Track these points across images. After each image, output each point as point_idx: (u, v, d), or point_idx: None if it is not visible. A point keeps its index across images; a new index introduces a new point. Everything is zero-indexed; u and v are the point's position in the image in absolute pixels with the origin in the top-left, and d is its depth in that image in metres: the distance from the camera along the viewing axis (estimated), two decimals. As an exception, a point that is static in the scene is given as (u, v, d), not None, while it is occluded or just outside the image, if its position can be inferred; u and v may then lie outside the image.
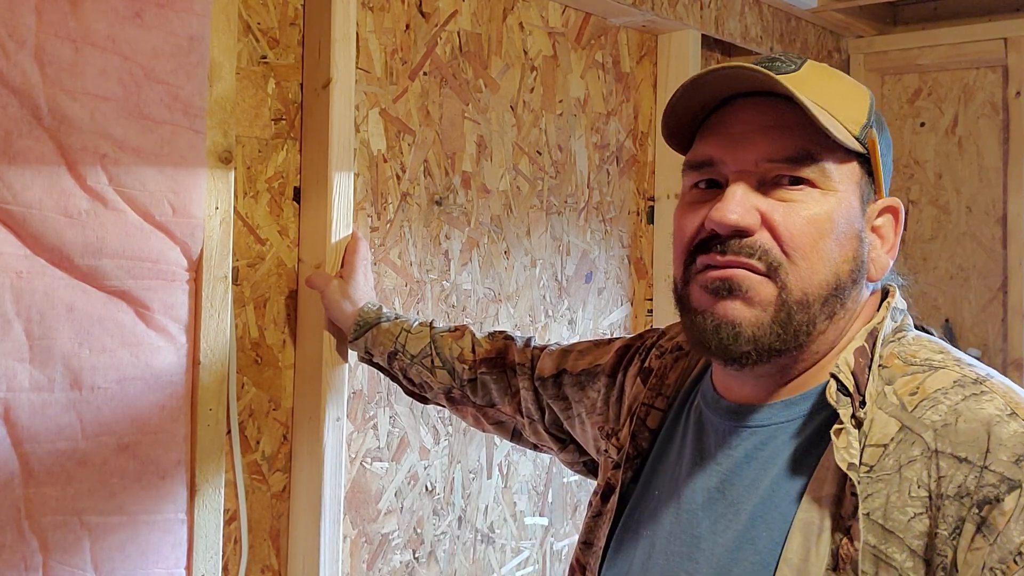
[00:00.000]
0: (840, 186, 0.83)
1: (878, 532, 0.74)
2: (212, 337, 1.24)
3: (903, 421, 0.77)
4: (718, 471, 0.86)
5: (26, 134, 1.08)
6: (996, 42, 2.48)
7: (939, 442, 0.74)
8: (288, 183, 1.42)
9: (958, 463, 0.73)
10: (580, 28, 1.94)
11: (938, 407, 0.76)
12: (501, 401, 1.26)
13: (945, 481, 0.73)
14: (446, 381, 1.29)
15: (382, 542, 1.56)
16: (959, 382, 0.78)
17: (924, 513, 0.73)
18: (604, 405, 1.10)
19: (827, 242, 0.81)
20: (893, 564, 0.73)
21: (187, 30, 1.20)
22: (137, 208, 1.17)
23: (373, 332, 1.32)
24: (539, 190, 1.85)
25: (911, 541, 0.73)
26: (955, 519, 0.72)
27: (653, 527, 0.89)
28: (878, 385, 0.79)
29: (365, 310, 1.33)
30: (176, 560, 1.22)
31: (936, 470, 0.74)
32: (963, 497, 0.72)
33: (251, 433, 1.39)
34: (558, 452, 1.23)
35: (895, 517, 0.74)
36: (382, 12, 1.54)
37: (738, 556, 0.80)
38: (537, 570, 1.85)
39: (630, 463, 0.95)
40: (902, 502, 0.74)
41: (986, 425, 0.74)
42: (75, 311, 1.13)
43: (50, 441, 1.12)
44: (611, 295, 2.03)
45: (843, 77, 0.89)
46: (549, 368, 1.20)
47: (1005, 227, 2.52)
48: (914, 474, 0.74)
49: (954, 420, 0.75)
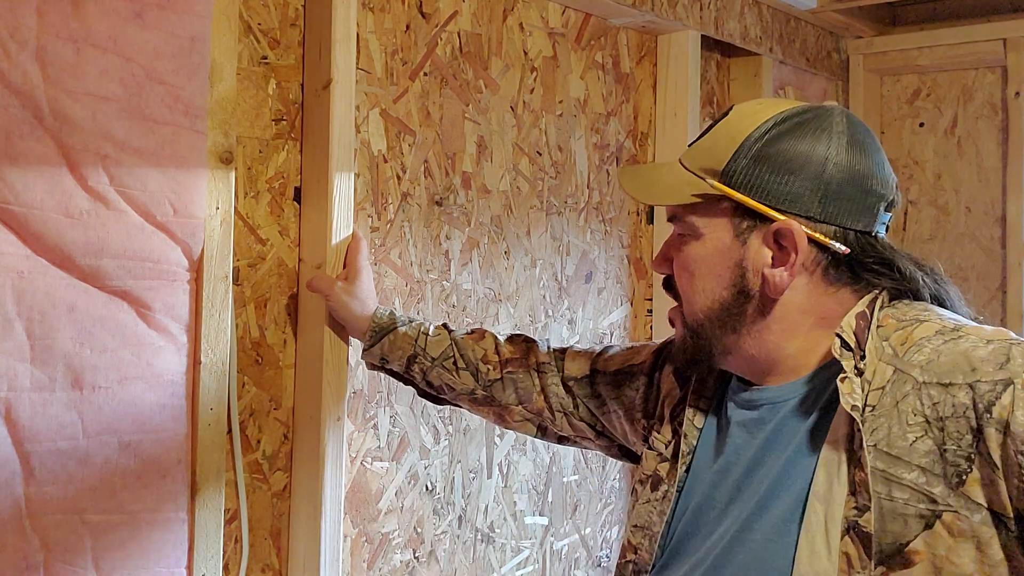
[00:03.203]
0: (707, 231, 1.00)
1: (884, 458, 0.87)
2: (213, 337, 1.25)
3: (896, 365, 0.90)
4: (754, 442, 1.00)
5: (27, 134, 1.08)
6: (995, 43, 2.49)
7: (925, 375, 0.88)
8: (289, 183, 1.43)
9: (945, 388, 0.86)
10: (580, 29, 1.94)
11: (923, 350, 0.90)
12: (529, 399, 1.32)
13: (940, 406, 0.86)
14: (469, 383, 1.34)
15: (382, 541, 1.56)
16: (940, 331, 0.91)
17: (925, 435, 0.86)
18: (643, 403, 1.21)
19: (700, 279, 1.01)
20: (904, 482, 0.86)
21: (188, 31, 1.20)
22: (138, 208, 1.17)
23: (390, 337, 1.35)
24: (539, 190, 1.85)
25: (918, 460, 0.86)
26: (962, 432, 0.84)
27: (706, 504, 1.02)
28: (877, 342, 0.93)
29: (378, 316, 1.36)
30: (177, 559, 1.22)
31: (928, 398, 0.87)
32: (965, 412, 0.84)
33: (252, 432, 1.39)
34: (594, 440, 1.32)
35: (898, 444, 0.87)
36: (382, 13, 1.54)
37: (776, 494, 0.94)
38: (537, 570, 1.85)
39: (683, 459, 1.07)
40: (902, 430, 0.87)
41: (964, 354, 0.87)
42: (76, 311, 1.13)
43: (51, 440, 1.12)
44: (611, 295, 2.03)
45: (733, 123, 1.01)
46: (581, 369, 1.30)
47: (1004, 227, 2.52)
48: (908, 406, 0.88)
49: (936, 357, 0.88)
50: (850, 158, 0.97)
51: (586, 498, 1.96)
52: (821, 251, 0.97)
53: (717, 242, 1.00)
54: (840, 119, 0.99)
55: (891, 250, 1.00)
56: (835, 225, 0.97)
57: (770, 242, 0.97)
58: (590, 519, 1.98)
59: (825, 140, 0.97)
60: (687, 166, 1.03)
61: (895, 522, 0.85)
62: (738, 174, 0.98)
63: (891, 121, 2.72)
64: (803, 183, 0.96)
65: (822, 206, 0.96)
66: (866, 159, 0.98)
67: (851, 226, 0.97)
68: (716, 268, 1.00)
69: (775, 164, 0.97)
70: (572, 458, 1.93)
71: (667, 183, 1.04)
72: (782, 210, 0.96)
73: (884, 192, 0.99)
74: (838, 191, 0.96)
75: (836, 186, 0.96)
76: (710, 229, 1.00)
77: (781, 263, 0.97)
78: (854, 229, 0.97)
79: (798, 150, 0.97)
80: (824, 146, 0.97)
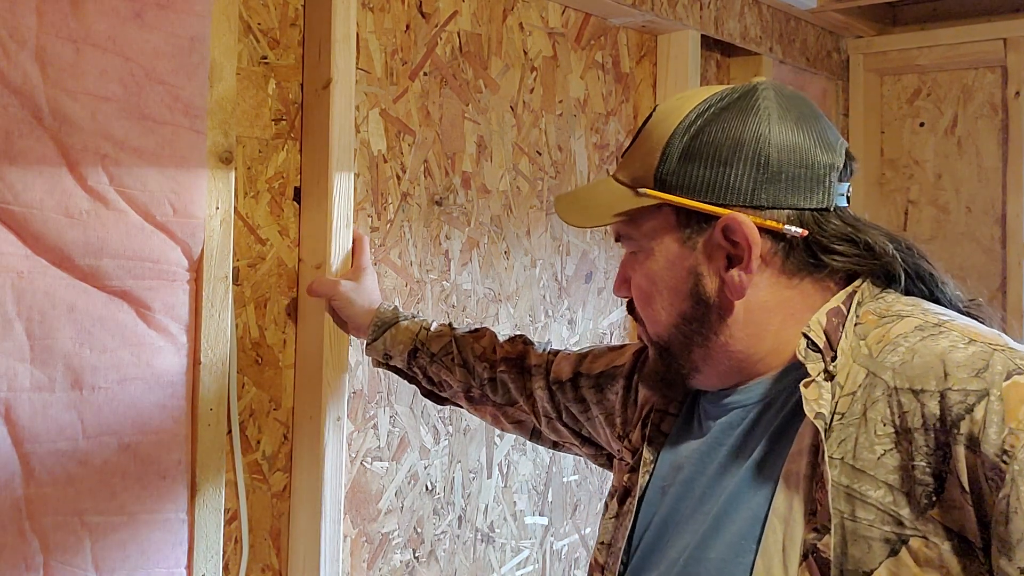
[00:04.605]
0: (653, 243, 0.93)
1: (849, 472, 0.78)
2: (213, 337, 1.25)
3: (869, 368, 0.81)
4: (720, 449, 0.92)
5: (27, 134, 1.08)
6: (995, 42, 2.49)
7: (897, 379, 0.79)
8: (288, 183, 1.42)
9: (915, 396, 0.77)
10: (580, 28, 1.94)
11: (897, 349, 0.81)
12: (519, 400, 1.29)
13: (908, 416, 0.77)
14: (465, 380, 1.32)
15: (382, 541, 1.56)
16: (920, 327, 0.82)
17: (894, 448, 0.77)
18: (622, 407, 1.14)
19: (658, 296, 0.94)
20: (868, 501, 0.77)
21: (188, 30, 1.20)
22: (138, 208, 1.17)
23: (392, 331, 1.35)
24: (539, 190, 1.85)
25: (885, 476, 0.77)
26: (931, 448, 0.76)
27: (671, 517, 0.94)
28: (853, 341, 0.84)
29: (382, 310, 1.37)
30: (177, 560, 1.22)
31: (898, 406, 0.78)
32: (933, 425, 0.76)
33: (252, 433, 1.39)
34: (580, 447, 1.26)
35: (864, 456, 0.78)
36: (382, 12, 1.54)
37: (734, 508, 0.86)
38: (537, 570, 1.85)
39: (647, 467, 0.99)
40: (869, 441, 0.78)
41: (939, 356, 0.78)
42: (76, 311, 1.13)
43: (51, 441, 1.12)
44: (611, 295, 2.03)
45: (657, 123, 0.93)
46: (566, 372, 1.24)
47: (1004, 227, 2.52)
48: (877, 414, 0.79)
49: (911, 358, 0.79)
50: (783, 132, 0.88)
51: (586, 498, 1.96)
52: (776, 240, 0.88)
53: (667, 253, 0.92)
54: (765, 94, 0.91)
55: (856, 223, 0.91)
56: (786, 208, 0.88)
57: (721, 241, 0.89)
58: (590, 519, 1.98)
59: (753, 120, 0.89)
60: (620, 179, 0.96)
61: (857, 546, 0.77)
62: (670, 175, 0.90)
63: (891, 121, 2.72)
64: (739, 171, 0.88)
65: (765, 191, 0.88)
66: (801, 130, 0.89)
67: (803, 205, 0.88)
68: (670, 281, 0.92)
69: (705, 157, 0.89)
70: (572, 458, 1.93)
71: (602, 201, 0.96)
72: (724, 204, 0.88)
73: (831, 160, 0.89)
74: (778, 171, 0.88)
75: (776, 166, 0.88)
76: (657, 241, 0.92)
77: (737, 262, 0.88)
78: (807, 208, 0.88)
79: (726, 137, 0.89)
80: (753, 126, 0.89)
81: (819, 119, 0.92)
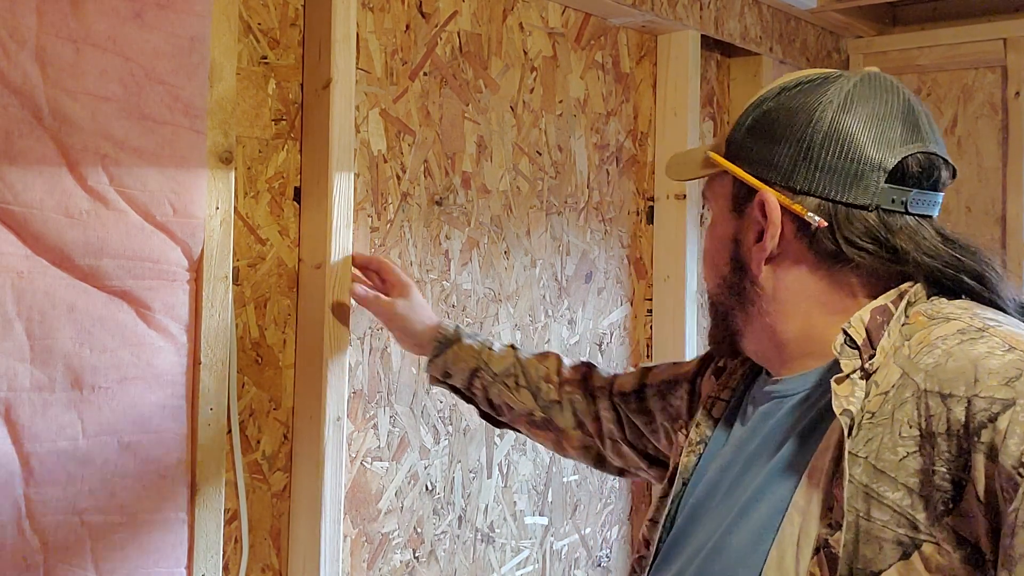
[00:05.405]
0: (716, 206, 0.97)
1: (870, 472, 0.77)
2: (213, 337, 1.25)
3: (904, 368, 0.80)
4: (755, 438, 0.93)
5: (27, 134, 1.08)
6: (995, 42, 2.49)
7: (928, 382, 0.77)
8: (288, 183, 1.42)
9: (943, 400, 0.75)
10: (580, 28, 1.94)
11: (934, 352, 0.79)
12: (585, 422, 1.28)
13: (934, 420, 0.75)
14: (528, 403, 1.30)
15: (382, 541, 1.56)
16: (963, 330, 0.80)
17: (917, 452, 0.76)
18: (688, 411, 1.14)
19: (710, 256, 0.99)
20: (885, 502, 0.76)
21: (188, 30, 1.20)
22: (138, 208, 1.17)
23: (455, 349, 1.33)
24: (539, 190, 1.85)
25: (905, 479, 0.76)
26: (953, 454, 0.74)
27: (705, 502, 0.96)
28: (897, 340, 0.83)
29: (443, 327, 1.36)
30: (177, 560, 1.22)
31: (925, 409, 0.76)
32: (957, 431, 0.74)
33: (251, 433, 1.39)
34: (647, 469, 1.25)
35: (886, 457, 0.77)
36: (382, 12, 1.54)
37: (758, 499, 0.86)
38: (537, 570, 1.85)
39: (692, 448, 1.01)
40: (893, 443, 0.77)
41: (974, 361, 0.76)
42: (76, 311, 1.13)
43: (51, 441, 1.12)
44: (611, 295, 2.03)
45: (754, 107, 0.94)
46: (630, 384, 1.24)
47: (1004, 227, 2.52)
48: (904, 415, 0.77)
49: (945, 361, 0.77)
50: (836, 121, 0.87)
51: (586, 498, 1.96)
52: (801, 226, 0.88)
53: (722, 217, 0.96)
54: (843, 82, 0.89)
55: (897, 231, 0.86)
56: (818, 196, 0.87)
57: (756, 215, 0.90)
58: (590, 519, 1.98)
59: (813, 104, 0.88)
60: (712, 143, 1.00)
61: (869, 545, 0.76)
62: (734, 145, 0.94)
63: (891, 121, 2.71)
64: (785, 149, 0.88)
65: (802, 174, 0.87)
66: (861, 123, 0.86)
67: (836, 197, 0.86)
68: (719, 243, 0.96)
69: (762, 131, 0.90)
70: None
71: (691, 160, 1.01)
72: (766, 180, 0.89)
73: (880, 159, 0.85)
74: (818, 157, 0.86)
75: (817, 152, 0.86)
76: (719, 205, 0.97)
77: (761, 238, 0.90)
78: (841, 201, 0.86)
79: (784, 115, 0.89)
80: (809, 110, 0.88)
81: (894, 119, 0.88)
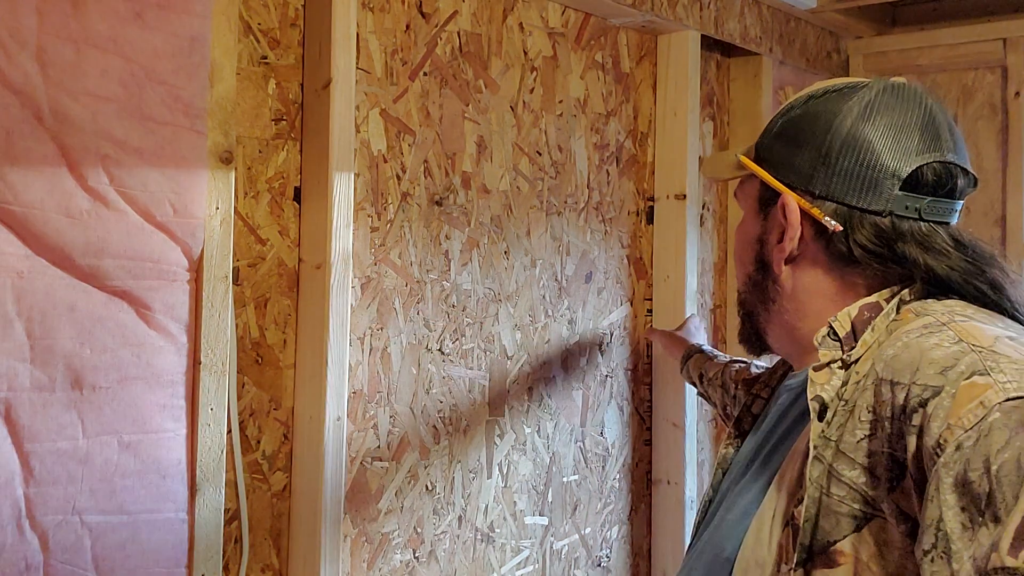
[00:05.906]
0: (745, 207, 1.02)
1: (833, 451, 0.84)
2: (213, 337, 1.25)
3: (872, 359, 0.85)
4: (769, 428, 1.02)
5: (28, 135, 1.08)
6: (995, 43, 2.49)
7: (884, 371, 0.82)
8: (288, 183, 1.43)
9: (891, 387, 0.81)
10: (580, 28, 1.94)
11: (896, 343, 0.84)
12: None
13: (884, 405, 0.81)
14: (718, 398, 1.61)
15: (382, 541, 1.56)
16: (927, 325, 0.84)
17: (872, 434, 0.82)
18: None
19: (738, 255, 1.04)
20: (843, 479, 0.83)
21: (188, 31, 1.20)
22: (138, 208, 1.17)
23: (695, 358, 1.75)
24: (539, 190, 1.85)
25: (861, 459, 0.82)
26: (895, 436, 0.80)
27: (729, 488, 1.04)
28: (881, 335, 0.88)
29: (692, 345, 1.80)
30: (177, 559, 1.22)
31: (879, 395, 0.82)
32: (898, 415, 0.80)
33: (252, 433, 1.39)
34: None
35: (846, 440, 0.84)
36: (382, 12, 1.54)
37: (752, 484, 0.96)
38: (537, 569, 1.85)
39: (729, 440, 1.10)
40: (853, 426, 0.84)
41: (922, 352, 0.81)
42: (76, 311, 1.13)
43: (51, 440, 1.12)
44: (611, 295, 2.03)
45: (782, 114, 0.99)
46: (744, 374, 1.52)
47: (1004, 227, 2.52)
48: (865, 401, 0.83)
49: (902, 352, 0.82)
50: (856, 128, 0.90)
51: (586, 498, 1.97)
52: (819, 229, 0.92)
53: (750, 218, 1.01)
54: (867, 92, 0.92)
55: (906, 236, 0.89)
56: (835, 201, 0.90)
57: (779, 217, 0.95)
58: (590, 519, 1.98)
59: (836, 111, 0.92)
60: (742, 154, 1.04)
61: (828, 519, 0.83)
62: (763, 149, 0.99)
63: (891, 121, 2.71)
64: (807, 155, 0.92)
65: (821, 179, 0.91)
66: (880, 132, 0.89)
67: (853, 203, 0.90)
68: (745, 244, 1.02)
69: (788, 137, 0.95)
70: (572, 458, 1.93)
71: (725, 161, 1.07)
72: (789, 184, 0.94)
73: (896, 167, 0.88)
74: (836, 163, 0.90)
75: (835, 158, 0.90)
76: (747, 206, 1.02)
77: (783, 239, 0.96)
78: (857, 207, 0.90)
79: (808, 122, 0.93)
80: (832, 116, 0.92)
81: (913, 129, 0.90)
